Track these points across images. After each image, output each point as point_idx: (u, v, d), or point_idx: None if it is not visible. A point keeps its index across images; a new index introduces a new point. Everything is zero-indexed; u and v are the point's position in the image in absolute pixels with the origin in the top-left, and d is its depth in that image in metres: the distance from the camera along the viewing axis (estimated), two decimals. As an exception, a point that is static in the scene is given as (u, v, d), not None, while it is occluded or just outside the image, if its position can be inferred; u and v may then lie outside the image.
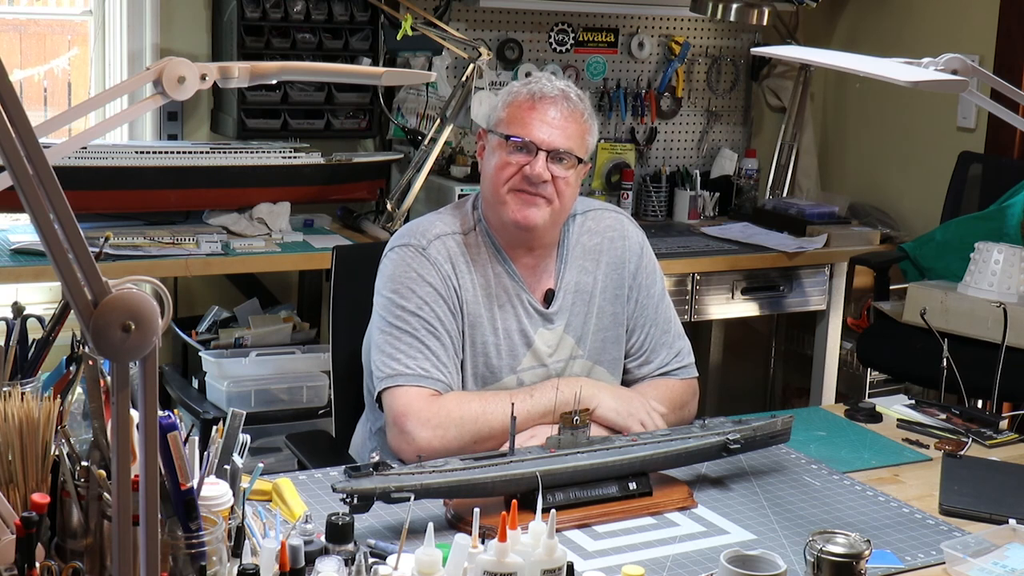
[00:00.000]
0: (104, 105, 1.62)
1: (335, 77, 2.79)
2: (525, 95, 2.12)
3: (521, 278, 2.18)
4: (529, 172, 2.08)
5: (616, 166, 4.31)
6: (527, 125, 2.09)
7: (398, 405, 2.03)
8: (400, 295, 2.10)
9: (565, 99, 2.12)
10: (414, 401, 2.02)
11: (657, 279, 2.31)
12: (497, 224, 2.16)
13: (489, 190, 2.14)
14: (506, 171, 2.10)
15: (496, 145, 2.13)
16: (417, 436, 1.99)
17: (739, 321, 4.41)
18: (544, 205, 2.10)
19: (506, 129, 2.11)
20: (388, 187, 3.82)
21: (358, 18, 3.72)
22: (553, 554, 1.46)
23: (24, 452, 1.48)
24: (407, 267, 2.12)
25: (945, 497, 1.94)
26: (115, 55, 3.70)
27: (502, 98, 2.16)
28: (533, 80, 2.15)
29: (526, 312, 2.17)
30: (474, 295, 2.14)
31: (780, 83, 4.61)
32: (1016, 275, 3.36)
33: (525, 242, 2.17)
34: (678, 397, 2.25)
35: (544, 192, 2.09)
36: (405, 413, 2.01)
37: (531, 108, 2.10)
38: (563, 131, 2.10)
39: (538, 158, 2.08)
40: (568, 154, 2.10)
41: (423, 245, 2.13)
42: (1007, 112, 1.99)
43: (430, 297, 2.10)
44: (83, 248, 0.99)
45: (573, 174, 2.12)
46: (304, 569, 1.47)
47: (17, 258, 3.11)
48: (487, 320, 2.14)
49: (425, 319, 2.08)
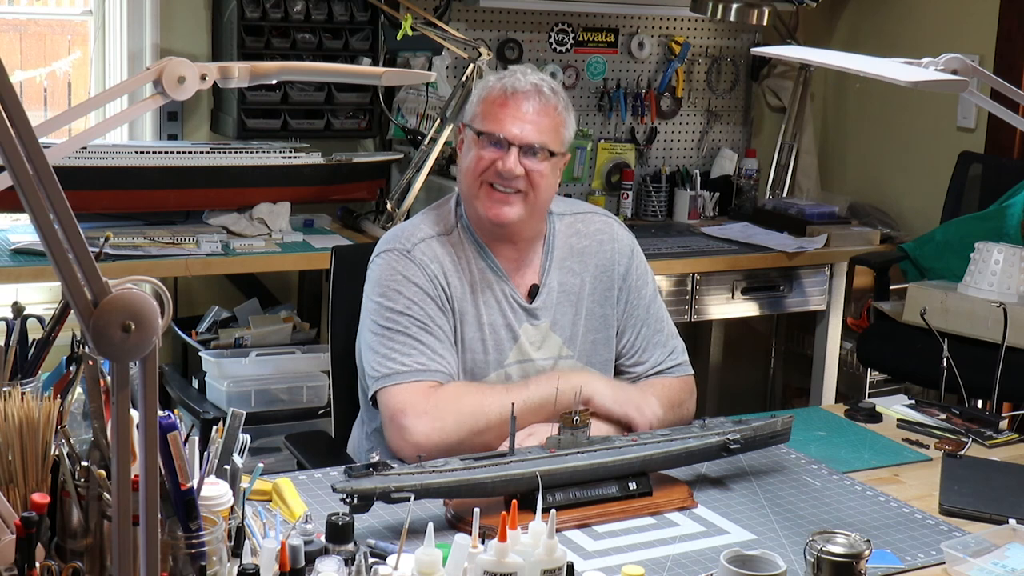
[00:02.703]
0: (104, 105, 1.62)
1: (335, 77, 2.79)
2: (498, 90, 2.14)
3: (504, 272, 2.19)
4: (501, 167, 2.10)
5: (616, 166, 4.31)
6: (500, 121, 2.11)
7: (395, 403, 2.03)
8: (388, 298, 2.11)
9: (538, 93, 2.14)
10: (411, 396, 2.02)
11: (648, 281, 2.31)
12: (475, 218, 2.18)
13: (464, 184, 2.16)
14: (479, 165, 2.12)
15: (471, 140, 2.15)
16: (415, 430, 1.98)
17: (739, 321, 4.41)
18: (518, 201, 2.12)
19: (480, 125, 2.14)
20: (388, 187, 3.81)
21: (358, 18, 3.72)
22: (553, 554, 1.46)
23: (24, 452, 1.48)
24: (393, 271, 2.13)
25: (945, 497, 1.93)
26: (115, 55, 3.70)
27: (477, 92, 2.18)
28: (507, 74, 2.17)
29: (510, 306, 2.18)
30: (461, 292, 2.15)
31: (780, 83, 4.61)
32: (1016, 275, 3.36)
33: (504, 236, 2.18)
34: (675, 395, 2.25)
35: (518, 186, 2.11)
36: (402, 409, 2.01)
37: (503, 104, 2.12)
38: (536, 125, 2.11)
39: (510, 153, 2.10)
40: (542, 148, 2.11)
41: (408, 248, 2.14)
42: (1007, 112, 1.99)
43: (418, 297, 2.10)
44: (83, 248, 0.99)
45: (548, 166, 2.13)
46: (304, 569, 1.47)
47: (17, 258, 3.11)
48: (473, 316, 2.15)
49: (415, 317, 2.09)
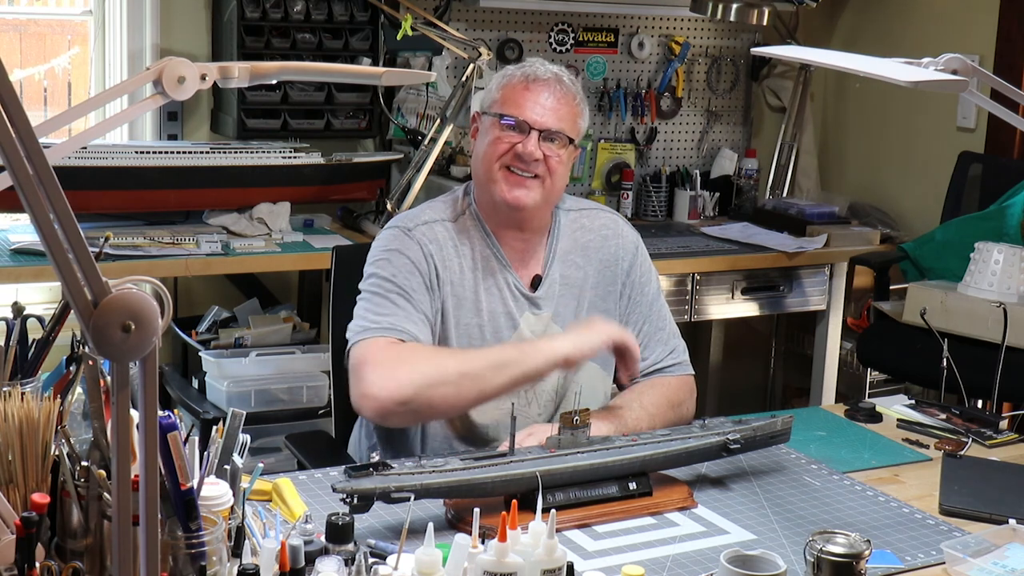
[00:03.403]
0: (104, 105, 1.62)
1: (335, 77, 2.79)
2: (519, 77, 2.17)
3: (508, 260, 2.20)
4: (521, 150, 2.12)
5: (616, 166, 4.31)
6: (520, 105, 2.14)
7: (357, 355, 2.03)
8: (376, 265, 2.15)
9: (558, 82, 2.17)
10: (373, 348, 2.02)
11: (652, 279, 2.32)
12: (488, 204, 2.19)
13: (481, 168, 2.17)
14: (498, 147, 2.14)
15: (490, 125, 2.17)
16: (369, 380, 1.97)
17: (739, 321, 4.41)
18: (535, 186, 2.14)
19: (500, 109, 2.16)
20: (388, 187, 3.81)
21: (358, 18, 3.73)
22: (553, 554, 1.46)
23: (24, 452, 1.48)
24: (388, 243, 2.17)
25: (945, 497, 1.93)
26: (115, 55, 3.70)
27: (496, 80, 2.21)
28: (527, 64, 2.20)
29: (512, 294, 2.19)
30: (460, 276, 2.16)
31: (780, 83, 4.61)
32: (1016, 275, 3.36)
33: (516, 222, 2.19)
34: (674, 394, 2.25)
35: (536, 170, 2.13)
36: (363, 361, 2.00)
37: (525, 89, 2.15)
38: (555, 112, 2.14)
39: (531, 136, 2.12)
40: (560, 134, 2.14)
41: (410, 227, 2.17)
42: (1007, 112, 1.99)
43: (406, 269, 2.12)
44: (83, 248, 0.99)
45: (565, 153, 2.16)
46: (304, 569, 1.47)
47: (17, 258, 3.11)
48: (472, 302, 2.16)
49: (397, 284, 2.11)
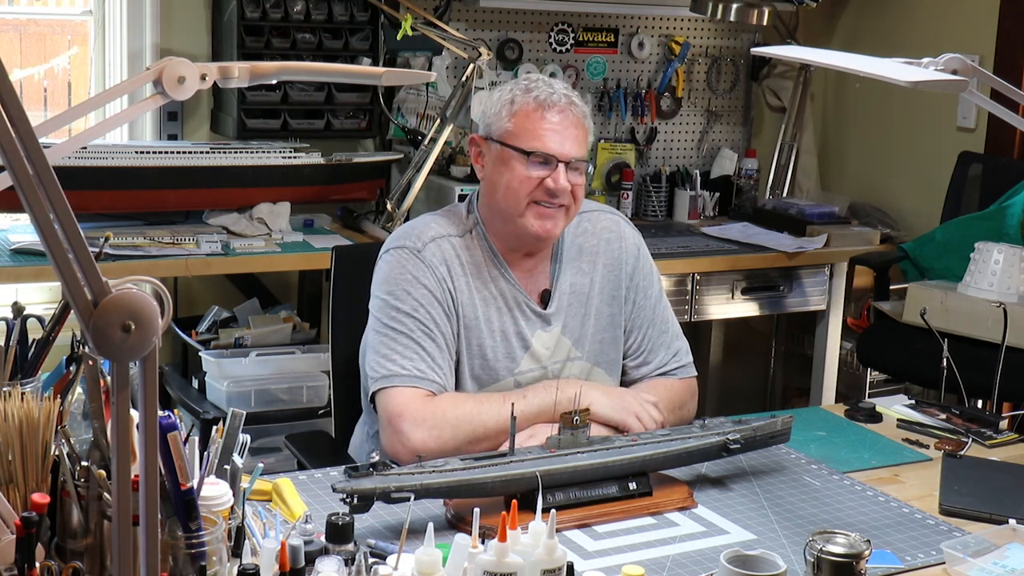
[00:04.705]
0: (104, 105, 1.62)
1: (335, 77, 2.79)
2: (532, 104, 2.09)
3: (518, 281, 2.17)
4: (552, 186, 2.07)
5: (616, 166, 4.31)
6: (542, 138, 2.08)
7: (393, 405, 2.02)
8: (395, 297, 2.10)
9: (570, 105, 2.11)
10: (409, 402, 2.02)
11: (654, 280, 2.31)
12: (509, 234, 2.14)
13: (506, 203, 2.10)
14: (527, 185, 2.08)
15: (509, 157, 2.10)
16: (412, 437, 1.98)
17: (739, 321, 4.41)
18: (562, 215, 2.12)
19: (519, 142, 2.09)
20: (388, 187, 3.81)
21: (358, 18, 3.72)
22: (553, 554, 1.46)
23: (24, 452, 1.48)
24: (402, 269, 2.11)
25: (945, 497, 1.93)
26: (115, 55, 3.69)
27: (504, 105, 2.12)
28: (531, 84, 2.12)
29: (523, 315, 2.17)
30: (470, 297, 2.14)
31: (780, 83, 4.61)
32: (1016, 275, 3.36)
33: (534, 249, 2.17)
34: (676, 397, 2.25)
35: (563, 201, 2.10)
36: (400, 413, 2.01)
37: (540, 118, 2.09)
38: (575, 140, 2.10)
39: (559, 171, 2.07)
40: (581, 161, 2.11)
41: (419, 247, 2.12)
42: (1007, 112, 1.99)
43: (425, 299, 2.09)
44: (83, 248, 0.98)
45: (584, 178, 2.13)
46: (304, 569, 1.47)
47: (17, 258, 3.11)
48: (483, 322, 2.14)
49: (420, 320, 2.08)
